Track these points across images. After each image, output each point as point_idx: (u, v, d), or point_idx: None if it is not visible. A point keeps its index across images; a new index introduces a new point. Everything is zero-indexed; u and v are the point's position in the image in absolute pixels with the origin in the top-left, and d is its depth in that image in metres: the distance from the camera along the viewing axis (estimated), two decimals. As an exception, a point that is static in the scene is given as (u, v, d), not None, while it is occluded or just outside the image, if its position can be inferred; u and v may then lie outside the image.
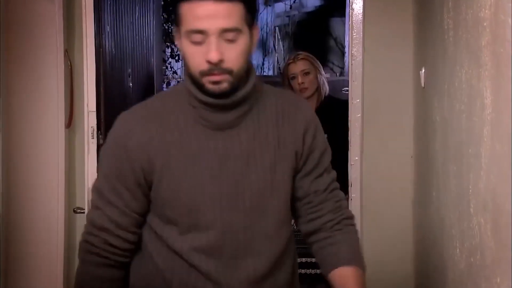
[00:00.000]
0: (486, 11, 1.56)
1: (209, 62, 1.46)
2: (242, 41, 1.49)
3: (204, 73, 1.49)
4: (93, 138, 3.24)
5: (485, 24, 1.58)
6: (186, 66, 1.55)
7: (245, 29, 1.49)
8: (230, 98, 1.54)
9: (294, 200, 1.70)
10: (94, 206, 1.66)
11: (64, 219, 3.21)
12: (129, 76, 4.59)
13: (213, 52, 1.45)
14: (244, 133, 1.59)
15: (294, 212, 1.73)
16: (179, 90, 1.64)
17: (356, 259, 1.68)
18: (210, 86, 1.50)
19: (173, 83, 8.58)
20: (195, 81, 1.53)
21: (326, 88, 3.49)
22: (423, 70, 2.77)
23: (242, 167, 1.58)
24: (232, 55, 1.48)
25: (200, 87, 1.52)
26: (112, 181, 1.61)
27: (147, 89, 5.17)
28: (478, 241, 1.67)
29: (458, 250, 1.94)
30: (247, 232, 1.60)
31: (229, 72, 1.49)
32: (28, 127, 3.17)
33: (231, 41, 1.47)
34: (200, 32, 1.46)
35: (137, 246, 1.68)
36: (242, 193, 1.59)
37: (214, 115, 1.56)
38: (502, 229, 1.43)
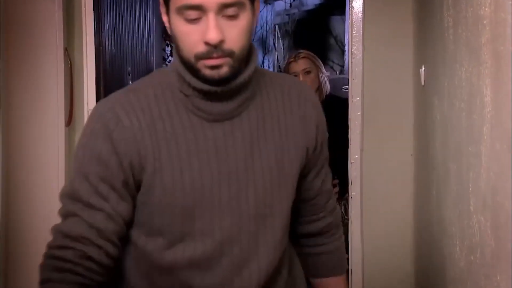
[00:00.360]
0: (486, 9, 1.56)
1: (207, 43, 1.24)
2: (245, 17, 1.26)
3: (201, 56, 1.26)
4: (93, 136, 3.23)
5: (485, 22, 1.58)
6: (177, 48, 1.31)
7: (247, 2, 1.27)
8: (229, 84, 1.31)
9: (298, 200, 1.51)
10: (66, 214, 1.34)
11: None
12: (129, 75, 4.59)
13: (212, 31, 1.23)
14: (247, 124, 1.37)
15: (292, 211, 1.51)
16: (167, 75, 1.39)
17: (344, 265, 1.67)
18: (207, 72, 1.27)
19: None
20: (188, 65, 1.30)
21: (327, 87, 3.49)
22: (423, 68, 2.77)
23: (245, 163, 1.36)
24: (234, 34, 1.25)
25: (195, 72, 1.29)
26: (94, 181, 1.32)
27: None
28: (478, 239, 1.67)
29: (458, 248, 1.94)
30: (251, 239, 1.39)
31: (230, 54, 1.26)
32: (28, 125, 3.17)
33: (232, 17, 1.25)
34: (196, 7, 1.23)
35: (114, 267, 1.38)
36: (246, 193, 1.37)
37: (211, 104, 1.33)
38: (502, 227, 1.43)
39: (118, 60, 4.24)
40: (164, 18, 1.32)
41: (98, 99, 3.38)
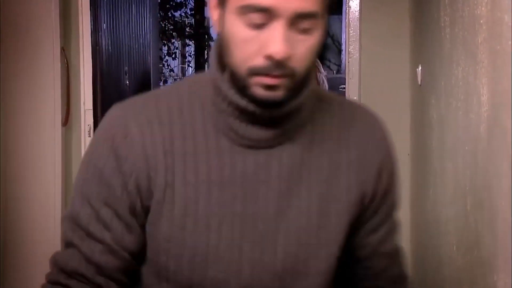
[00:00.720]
0: (483, 8, 1.57)
1: (269, 57, 0.98)
2: (318, 33, 1.01)
3: (257, 72, 1.00)
4: (89, 136, 3.25)
5: (481, 21, 1.58)
6: (222, 53, 1.06)
7: (322, 18, 1.02)
8: (280, 108, 1.05)
9: (348, 259, 1.22)
10: (66, 242, 1.14)
11: (60, 218, 3.21)
12: (126, 74, 4.59)
13: (279, 43, 0.97)
14: (287, 158, 1.10)
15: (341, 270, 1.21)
16: (200, 83, 1.13)
17: None
18: (260, 92, 1.01)
19: (170, 81, 8.55)
20: (235, 78, 1.04)
21: (325, 86, 3.50)
22: (420, 68, 2.77)
23: (277, 206, 1.10)
24: (302, 52, 1.00)
25: (242, 88, 1.03)
26: (95, 205, 1.09)
27: (144, 87, 5.17)
28: (475, 238, 1.67)
29: (455, 247, 1.94)
30: None
31: (291, 74, 1.01)
32: (25, 125, 3.17)
33: (303, 31, 0.99)
34: (265, 10, 0.97)
35: None
36: (274, 242, 1.10)
37: (248, 127, 1.07)
38: (498, 226, 1.43)
39: (115, 60, 4.23)
40: (214, 14, 1.06)
41: (94, 98, 3.38)
